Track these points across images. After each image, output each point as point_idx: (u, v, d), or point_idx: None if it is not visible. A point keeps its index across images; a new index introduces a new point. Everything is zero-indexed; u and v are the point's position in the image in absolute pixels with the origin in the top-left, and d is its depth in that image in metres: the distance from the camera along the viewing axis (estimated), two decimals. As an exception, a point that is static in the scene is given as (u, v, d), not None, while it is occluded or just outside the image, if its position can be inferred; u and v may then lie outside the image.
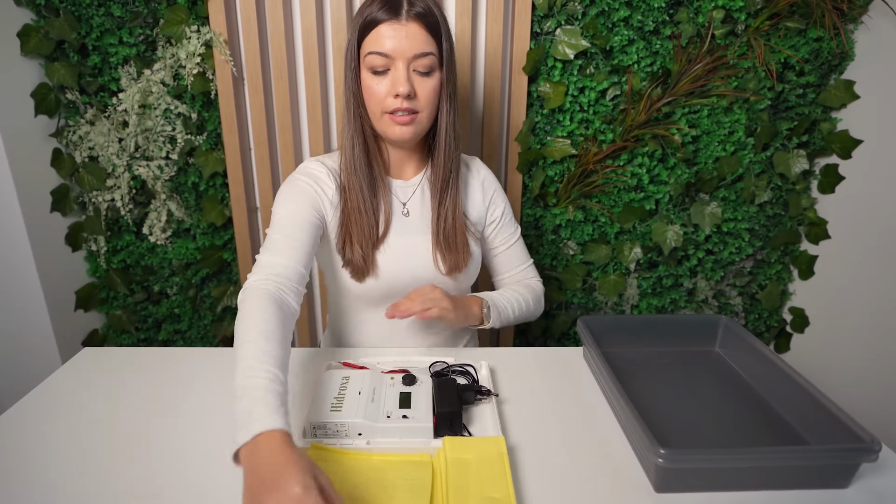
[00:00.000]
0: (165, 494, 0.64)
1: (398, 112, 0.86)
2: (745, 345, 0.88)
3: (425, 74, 0.86)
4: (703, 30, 1.32)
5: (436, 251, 0.96)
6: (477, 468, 0.64)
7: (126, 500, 0.63)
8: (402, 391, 0.76)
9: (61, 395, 0.82)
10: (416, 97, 0.86)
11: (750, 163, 1.44)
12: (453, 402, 0.72)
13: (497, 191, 1.07)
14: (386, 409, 0.73)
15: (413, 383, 0.78)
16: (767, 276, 1.57)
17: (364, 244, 0.92)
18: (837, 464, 0.64)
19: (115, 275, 1.52)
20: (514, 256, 1.09)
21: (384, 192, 0.95)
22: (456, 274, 0.97)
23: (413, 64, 0.84)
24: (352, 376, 0.80)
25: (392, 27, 0.83)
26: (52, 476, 0.66)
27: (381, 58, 0.84)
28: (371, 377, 0.80)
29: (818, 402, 0.72)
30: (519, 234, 1.09)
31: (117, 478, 0.66)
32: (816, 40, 1.34)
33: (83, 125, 1.38)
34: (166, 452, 0.70)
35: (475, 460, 0.65)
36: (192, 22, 1.30)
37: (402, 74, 0.84)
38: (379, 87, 0.86)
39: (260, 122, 1.38)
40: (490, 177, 1.06)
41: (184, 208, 1.48)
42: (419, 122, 0.88)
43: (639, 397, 0.81)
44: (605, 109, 1.38)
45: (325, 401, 0.74)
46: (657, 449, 0.61)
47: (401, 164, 0.98)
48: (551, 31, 1.32)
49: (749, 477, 0.64)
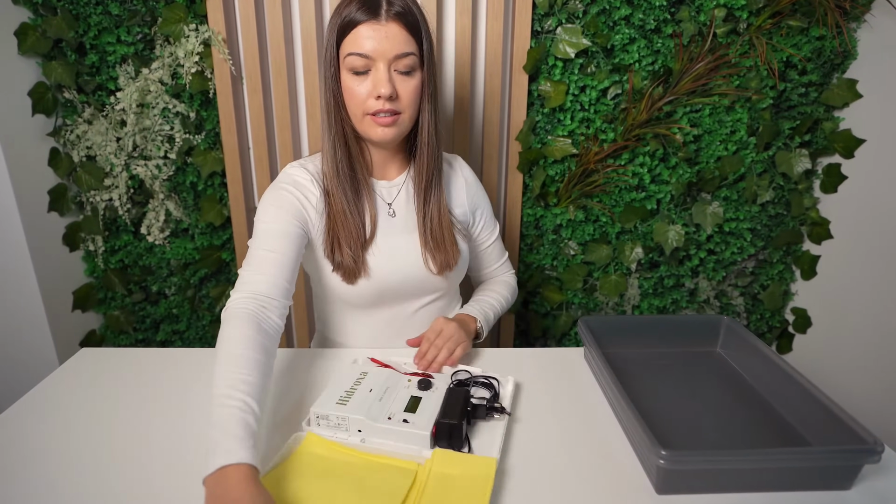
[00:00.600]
0: (164, 496, 0.64)
1: (380, 113, 0.85)
2: (747, 345, 0.88)
3: (406, 74, 0.85)
4: (704, 28, 1.32)
5: (425, 251, 0.96)
6: (459, 485, 0.63)
7: (124, 502, 0.63)
8: (413, 395, 0.76)
9: (59, 396, 0.82)
10: (398, 98, 0.85)
11: (752, 162, 1.44)
12: (456, 414, 0.71)
13: (479, 189, 1.08)
14: (390, 411, 0.73)
15: (427, 388, 0.78)
16: (769, 276, 1.57)
17: (353, 246, 0.91)
18: (840, 465, 0.64)
19: (112, 275, 1.52)
20: (494, 254, 1.13)
21: (368, 193, 0.94)
22: (447, 272, 0.97)
23: (394, 64, 0.84)
24: (370, 373, 0.81)
25: (372, 28, 0.82)
26: (49, 479, 0.66)
27: (361, 59, 0.83)
28: (388, 377, 0.80)
29: (820, 402, 0.71)
30: (498, 231, 1.13)
31: (115, 480, 0.66)
32: (819, 39, 1.34)
33: (81, 124, 1.38)
34: (165, 454, 0.70)
35: (459, 477, 0.64)
36: (190, 20, 1.30)
37: (383, 76, 0.83)
38: (360, 89, 0.85)
39: (259, 121, 1.38)
40: (472, 175, 1.08)
41: (182, 208, 1.48)
42: (401, 123, 0.88)
43: (640, 398, 0.81)
44: (607, 108, 1.38)
45: (335, 393, 0.75)
46: (658, 450, 0.61)
47: (384, 164, 0.97)
48: (552, 30, 1.32)
49: (751, 478, 0.64)
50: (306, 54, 1.33)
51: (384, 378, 0.80)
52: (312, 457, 0.67)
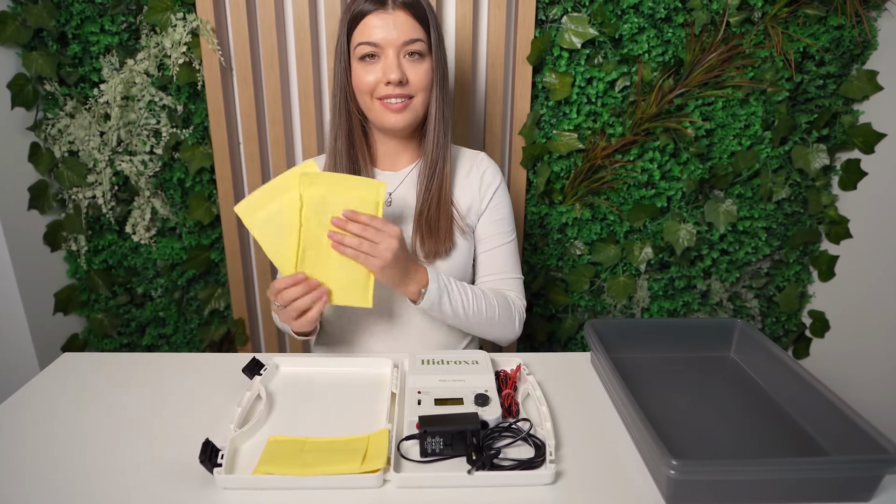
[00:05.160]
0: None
1: (391, 99, 0.91)
2: (762, 350, 0.88)
3: (416, 58, 0.91)
4: (717, 17, 1.32)
5: (415, 237, 0.97)
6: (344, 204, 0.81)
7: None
8: (449, 397, 0.77)
9: (39, 402, 0.82)
10: (409, 83, 0.91)
11: (767, 158, 1.44)
12: (449, 441, 0.69)
13: (499, 188, 1.05)
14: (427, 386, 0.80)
15: (472, 403, 0.76)
16: (785, 277, 1.57)
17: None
18: (859, 476, 0.64)
19: (96, 276, 1.52)
20: (499, 260, 1.03)
21: None
22: (435, 260, 0.98)
23: (403, 50, 0.90)
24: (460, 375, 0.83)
25: (380, 17, 0.88)
26: (29, 488, 0.66)
27: (370, 47, 0.90)
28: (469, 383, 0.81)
29: (839, 410, 0.71)
30: (512, 240, 1.05)
31: (98, 491, 0.66)
32: (837, 28, 1.34)
33: (62, 118, 1.38)
34: (150, 463, 0.70)
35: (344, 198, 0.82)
36: (177, 9, 1.30)
37: (392, 61, 0.89)
38: (370, 77, 0.91)
39: (249, 115, 1.38)
40: (492, 172, 1.06)
41: (169, 206, 1.48)
42: (414, 108, 0.94)
43: (650, 405, 0.81)
44: (614, 101, 1.38)
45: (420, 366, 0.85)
46: (669, 460, 0.61)
47: (394, 155, 1.02)
48: (557, 19, 1.33)
49: (766, 489, 0.64)
50: (299, 45, 1.33)
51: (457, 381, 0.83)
52: (279, 450, 0.71)
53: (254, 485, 0.66)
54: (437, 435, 0.69)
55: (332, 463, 0.67)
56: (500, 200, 1.05)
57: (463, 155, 1.07)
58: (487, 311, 0.96)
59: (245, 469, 0.69)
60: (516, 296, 1.04)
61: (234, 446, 0.71)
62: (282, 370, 0.90)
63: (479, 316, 0.95)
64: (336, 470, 0.66)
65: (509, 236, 1.05)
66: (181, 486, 0.66)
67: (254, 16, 1.34)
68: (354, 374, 0.90)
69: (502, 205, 1.05)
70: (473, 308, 0.94)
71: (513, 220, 1.07)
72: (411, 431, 0.73)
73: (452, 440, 0.70)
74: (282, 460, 0.68)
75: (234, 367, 0.90)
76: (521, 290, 1.05)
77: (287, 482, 0.66)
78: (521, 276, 1.07)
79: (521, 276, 1.06)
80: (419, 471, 0.68)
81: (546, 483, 0.67)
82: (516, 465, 0.68)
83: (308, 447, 0.71)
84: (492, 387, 0.80)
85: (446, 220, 0.98)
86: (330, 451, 0.70)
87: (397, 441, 0.72)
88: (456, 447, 0.70)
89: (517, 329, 1.02)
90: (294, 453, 0.70)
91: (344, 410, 0.81)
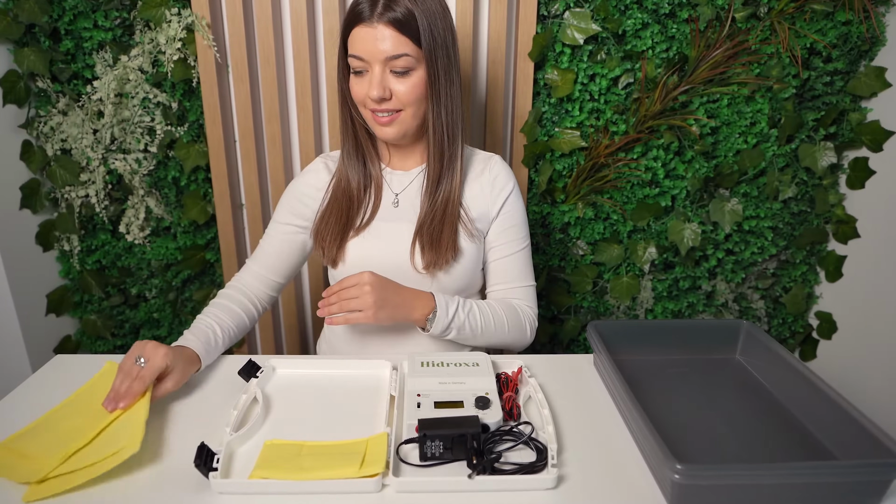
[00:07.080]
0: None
1: (378, 113, 0.92)
2: (769, 352, 0.88)
3: (402, 74, 0.90)
4: (722, 13, 1.32)
5: (415, 243, 0.97)
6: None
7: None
8: (449, 400, 0.77)
9: (31, 405, 0.82)
10: (393, 97, 0.91)
11: (773, 156, 1.44)
12: (449, 442, 0.69)
13: (511, 194, 1.03)
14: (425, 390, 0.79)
15: (472, 406, 0.76)
16: (792, 277, 1.57)
17: (334, 230, 0.98)
18: (867, 480, 0.64)
19: (89, 276, 1.52)
20: (511, 269, 1.03)
21: (376, 182, 1.02)
22: (435, 271, 0.96)
23: (389, 64, 0.89)
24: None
25: (364, 30, 0.88)
26: (20, 492, 0.66)
27: (357, 61, 0.90)
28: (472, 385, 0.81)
29: (847, 413, 0.71)
30: (524, 247, 1.05)
31: (91, 495, 0.66)
32: (845, 24, 1.35)
33: (55, 115, 1.38)
34: (144, 467, 0.70)
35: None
36: (172, 4, 1.30)
37: (376, 77, 0.89)
38: (358, 89, 0.92)
39: (245, 112, 1.38)
40: (504, 177, 1.04)
41: (163, 205, 1.48)
42: (403, 121, 0.93)
43: (653, 408, 0.81)
44: (618, 98, 1.38)
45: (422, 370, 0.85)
46: (673, 464, 0.61)
47: (402, 156, 1.04)
48: (559, 14, 1.33)
49: (772, 494, 0.64)
50: (296, 40, 1.33)
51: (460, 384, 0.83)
52: (277, 453, 0.71)
53: (250, 489, 0.66)
54: (436, 438, 0.69)
55: (330, 467, 0.67)
56: (513, 206, 1.03)
57: (476, 157, 1.06)
58: (497, 326, 0.98)
59: (241, 473, 0.69)
60: (527, 304, 1.04)
61: (230, 450, 0.71)
62: (278, 372, 0.90)
63: (488, 332, 0.98)
64: (334, 474, 0.66)
65: (522, 243, 1.04)
66: (176, 490, 0.67)
67: (250, 11, 1.34)
68: (353, 376, 0.90)
69: (515, 211, 1.03)
70: (481, 326, 0.96)
71: (526, 226, 1.06)
72: (411, 435, 0.73)
73: (452, 444, 0.69)
74: (279, 464, 0.68)
75: (229, 370, 0.90)
76: (533, 298, 1.06)
77: (284, 487, 0.66)
78: (534, 283, 1.07)
79: (533, 283, 1.07)
80: (419, 475, 0.68)
81: (548, 488, 0.67)
82: (518, 470, 0.68)
83: (305, 451, 0.71)
84: (493, 389, 0.80)
85: (450, 232, 0.97)
86: (328, 455, 0.70)
87: (396, 445, 0.72)
88: (456, 451, 0.70)
89: (528, 337, 1.04)
90: (291, 457, 0.70)
91: (342, 413, 0.81)
